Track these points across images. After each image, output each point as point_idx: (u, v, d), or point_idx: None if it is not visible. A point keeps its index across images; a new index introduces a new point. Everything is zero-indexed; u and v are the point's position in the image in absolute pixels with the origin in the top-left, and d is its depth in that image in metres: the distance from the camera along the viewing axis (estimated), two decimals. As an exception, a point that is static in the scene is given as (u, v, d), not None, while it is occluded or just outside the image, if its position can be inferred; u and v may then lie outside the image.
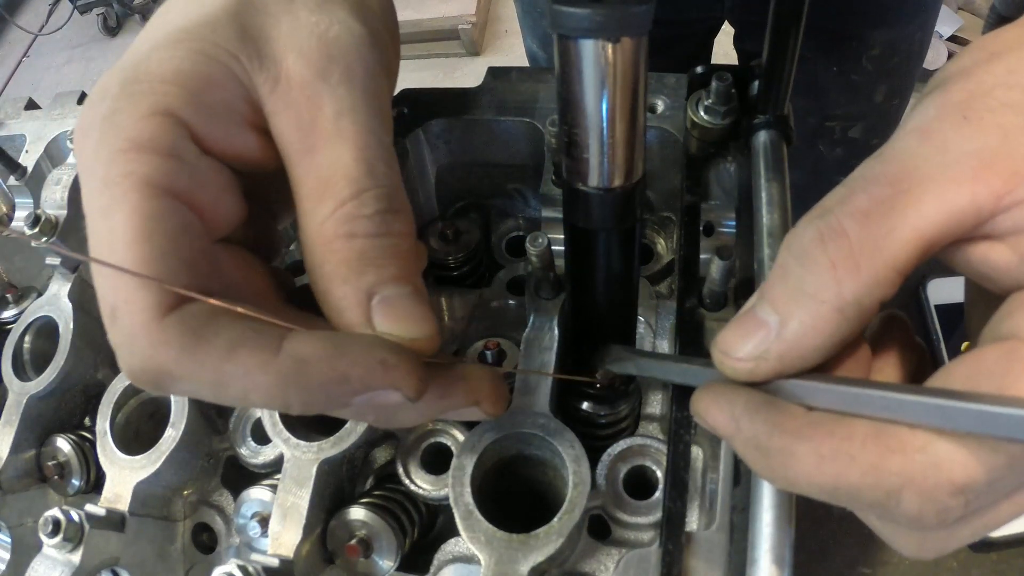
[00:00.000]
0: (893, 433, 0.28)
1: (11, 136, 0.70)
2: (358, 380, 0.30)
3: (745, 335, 0.31)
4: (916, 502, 0.27)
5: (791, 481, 0.30)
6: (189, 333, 0.29)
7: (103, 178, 0.30)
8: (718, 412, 0.32)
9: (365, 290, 0.32)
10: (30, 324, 0.59)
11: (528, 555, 0.40)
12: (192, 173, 0.32)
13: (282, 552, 0.45)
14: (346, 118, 0.33)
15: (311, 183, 0.33)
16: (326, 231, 0.33)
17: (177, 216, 0.31)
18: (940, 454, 0.27)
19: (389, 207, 0.34)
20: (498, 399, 0.37)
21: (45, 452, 0.57)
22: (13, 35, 3.78)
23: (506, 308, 0.57)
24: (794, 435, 0.29)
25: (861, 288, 0.29)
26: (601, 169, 0.38)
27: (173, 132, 0.31)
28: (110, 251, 0.30)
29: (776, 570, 0.35)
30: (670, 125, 0.55)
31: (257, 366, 0.29)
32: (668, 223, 0.61)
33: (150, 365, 0.29)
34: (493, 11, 3.18)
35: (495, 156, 0.62)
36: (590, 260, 0.44)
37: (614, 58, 0.33)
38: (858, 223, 0.29)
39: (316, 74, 0.33)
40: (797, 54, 0.47)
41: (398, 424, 0.36)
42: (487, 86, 0.61)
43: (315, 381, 0.30)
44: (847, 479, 0.28)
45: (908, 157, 0.30)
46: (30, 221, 0.58)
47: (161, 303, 0.29)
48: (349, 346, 0.31)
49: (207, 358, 0.29)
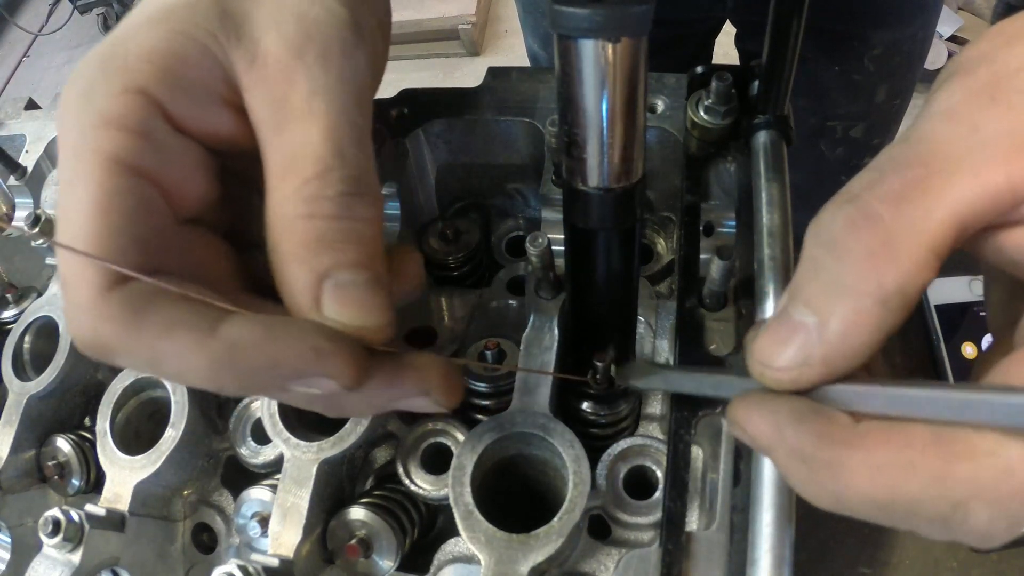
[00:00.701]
0: (959, 437, 0.25)
1: (11, 136, 0.70)
2: (289, 366, 0.30)
3: (783, 341, 0.29)
4: (986, 514, 0.25)
5: (840, 497, 0.28)
6: (129, 310, 0.29)
7: (73, 152, 0.31)
8: (760, 421, 0.30)
9: (319, 272, 0.32)
10: (30, 324, 0.59)
11: (528, 555, 0.40)
12: (160, 152, 0.32)
13: (282, 552, 0.45)
14: (319, 97, 0.33)
15: (278, 160, 0.33)
16: (287, 210, 0.32)
17: (138, 194, 0.31)
18: (1014, 458, 0.24)
19: (354, 190, 0.33)
20: (450, 389, 0.36)
21: (45, 452, 0.57)
22: (13, 35, 3.78)
23: (506, 308, 0.57)
24: (845, 444, 0.27)
25: (903, 276, 0.27)
26: (601, 169, 0.38)
27: (144, 110, 0.32)
28: (68, 224, 0.30)
29: (776, 570, 0.35)
30: (670, 125, 0.55)
31: (190, 347, 0.29)
32: (668, 223, 0.61)
33: (92, 337, 0.30)
34: (493, 11, 3.18)
35: (495, 156, 0.62)
36: (590, 260, 0.44)
37: (614, 58, 0.33)
38: (892, 206, 0.27)
39: (292, 53, 0.33)
40: (797, 54, 0.47)
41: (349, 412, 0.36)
42: (487, 86, 0.61)
43: (246, 365, 0.30)
44: (906, 491, 0.26)
45: (938, 139, 0.28)
46: (30, 221, 0.58)
47: (106, 279, 0.30)
48: (283, 331, 0.30)
49: (144, 335, 0.29)
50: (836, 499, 0.28)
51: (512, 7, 2.94)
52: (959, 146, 0.27)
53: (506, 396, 0.49)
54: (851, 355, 0.28)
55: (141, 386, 0.54)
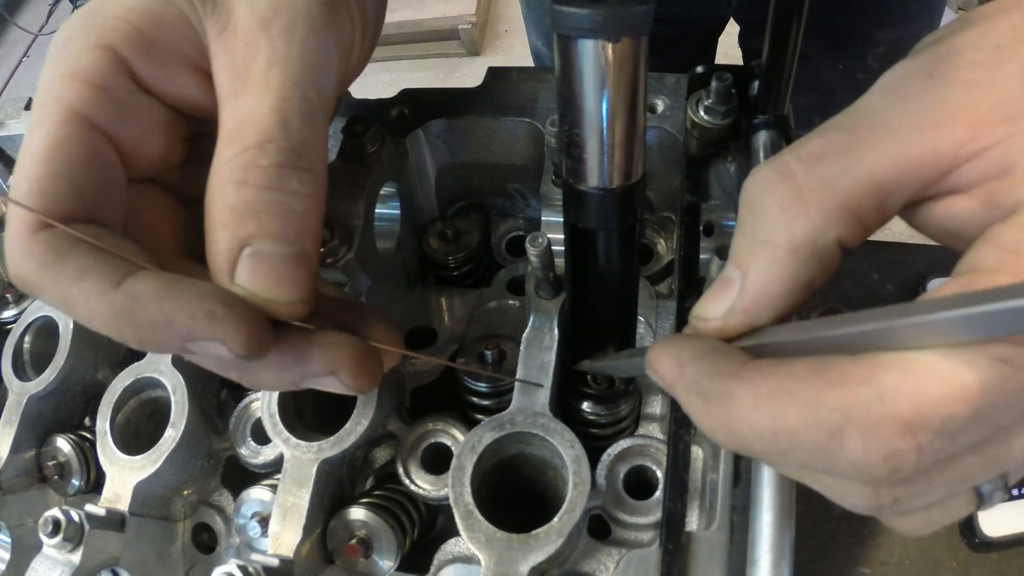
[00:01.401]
0: (835, 367, 0.26)
1: (11, 136, 0.70)
2: (182, 326, 0.30)
3: (715, 297, 0.31)
4: (860, 443, 0.25)
5: (731, 428, 0.28)
6: (51, 251, 0.31)
7: (40, 98, 0.33)
8: (666, 359, 0.32)
9: (239, 239, 0.32)
10: (30, 324, 0.59)
11: (528, 555, 0.40)
12: (119, 109, 0.34)
13: (282, 552, 0.45)
14: (276, 69, 0.33)
15: (228, 125, 0.34)
16: (222, 174, 0.33)
17: (88, 145, 0.33)
18: (884, 385, 0.24)
19: (291, 163, 0.33)
20: (359, 372, 0.35)
21: (45, 452, 0.57)
22: (13, 35, 3.78)
23: (506, 308, 0.57)
24: (735, 377, 0.28)
25: (812, 227, 0.28)
26: (601, 169, 0.38)
27: (109, 67, 0.33)
28: (21, 164, 0.32)
29: (776, 570, 0.35)
30: (670, 125, 0.55)
31: (95, 295, 0.31)
32: (668, 223, 0.61)
33: (18, 272, 0.32)
34: (493, 11, 3.18)
35: (495, 156, 0.62)
36: (590, 260, 0.44)
37: (614, 58, 0.33)
38: (806, 164, 0.29)
39: (259, 24, 0.34)
40: (797, 54, 0.47)
41: (262, 385, 0.37)
42: (487, 86, 0.61)
43: (144, 319, 0.31)
44: (786, 420, 0.26)
45: (869, 108, 0.29)
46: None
47: (37, 220, 0.31)
48: (181, 291, 0.31)
49: (58, 277, 0.31)
50: (728, 431, 0.29)
51: (512, 7, 2.94)
52: (888, 115, 0.28)
53: (506, 396, 0.49)
54: (770, 304, 0.30)
55: (141, 386, 0.54)
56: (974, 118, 0.27)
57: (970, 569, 0.68)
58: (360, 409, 0.47)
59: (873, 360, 0.25)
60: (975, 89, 0.27)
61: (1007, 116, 0.27)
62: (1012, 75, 0.27)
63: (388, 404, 0.50)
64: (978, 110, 0.27)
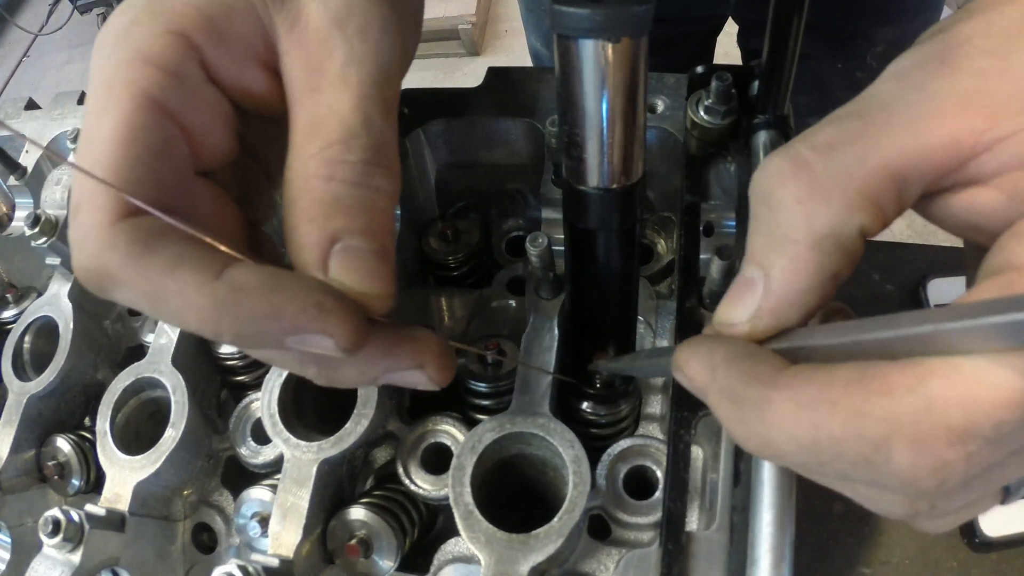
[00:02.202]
0: (879, 374, 0.25)
1: (11, 136, 0.70)
2: (290, 318, 0.30)
3: (738, 299, 0.30)
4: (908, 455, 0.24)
5: (766, 437, 0.27)
6: (137, 241, 0.29)
7: (105, 82, 0.32)
8: (696, 363, 0.31)
9: (330, 234, 0.32)
10: (30, 324, 0.59)
11: (528, 555, 0.40)
12: (190, 96, 0.33)
13: (282, 552, 0.45)
14: (354, 67, 0.33)
15: (306, 121, 0.33)
16: (307, 168, 0.32)
17: (163, 132, 0.32)
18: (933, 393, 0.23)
19: (375, 160, 0.33)
20: (443, 365, 0.36)
21: (45, 452, 0.57)
22: (13, 35, 3.78)
23: (506, 308, 0.57)
24: (770, 384, 0.27)
25: (833, 218, 0.27)
26: (601, 169, 0.38)
27: (182, 53, 0.32)
28: (90, 150, 0.31)
29: (776, 570, 0.35)
30: (670, 125, 0.55)
31: (194, 286, 0.29)
32: (668, 223, 0.61)
33: (95, 265, 0.30)
34: (493, 11, 3.18)
35: (495, 156, 0.62)
36: (590, 260, 0.44)
37: (614, 58, 0.33)
38: (822, 154, 0.28)
39: (333, 22, 0.34)
40: (797, 54, 0.47)
41: (342, 382, 0.36)
42: (487, 86, 0.61)
43: (248, 312, 0.30)
44: (828, 430, 0.25)
45: (882, 96, 0.29)
46: (30, 221, 0.58)
47: (119, 208, 0.30)
48: (288, 282, 0.30)
49: (149, 269, 0.29)
50: (763, 440, 0.28)
51: (512, 7, 2.93)
52: (902, 103, 0.28)
53: (506, 396, 0.49)
54: (797, 301, 0.29)
55: (141, 386, 0.54)
56: (990, 107, 0.26)
57: (970, 569, 0.68)
58: (360, 409, 0.47)
59: (919, 366, 0.24)
60: (989, 78, 0.27)
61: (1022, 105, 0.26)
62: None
63: (388, 404, 0.50)
64: (993, 99, 0.26)
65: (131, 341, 0.63)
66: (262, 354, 0.37)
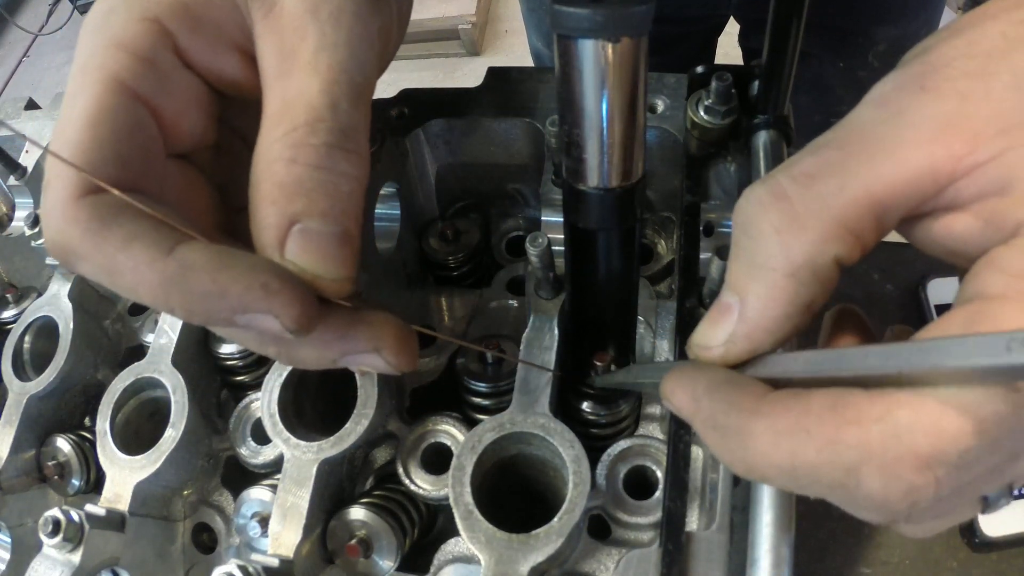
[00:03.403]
0: (851, 403, 0.26)
1: (11, 136, 0.70)
2: (236, 297, 0.30)
3: (714, 323, 0.31)
4: (878, 480, 0.25)
5: (749, 463, 0.28)
6: (96, 217, 0.31)
7: (80, 68, 0.33)
8: (681, 392, 0.32)
9: (289, 216, 0.32)
10: (30, 324, 0.59)
11: (528, 555, 0.40)
12: (162, 81, 0.34)
13: (282, 552, 0.45)
14: (325, 53, 0.34)
15: (276, 105, 0.34)
16: (271, 151, 0.33)
17: (132, 115, 0.33)
18: (901, 423, 0.24)
19: (340, 144, 0.33)
20: (402, 350, 0.36)
21: (45, 452, 0.57)
22: (13, 35, 3.78)
23: (506, 308, 0.57)
24: (751, 412, 0.28)
25: (810, 249, 0.28)
26: (601, 169, 0.38)
27: (155, 39, 0.34)
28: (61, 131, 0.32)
29: (776, 570, 0.35)
30: (670, 125, 0.55)
31: (145, 262, 0.30)
32: (668, 223, 0.61)
33: (59, 239, 0.31)
34: (493, 11, 3.18)
35: (495, 156, 0.62)
36: (590, 260, 0.44)
37: (614, 58, 0.33)
38: (801, 184, 0.28)
39: (307, 8, 0.34)
40: (797, 54, 0.47)
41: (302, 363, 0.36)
42: (487, 86, 0.61)
43: (195, 289, 0.30)
44: (804, 456, 0.26)
45: (862, 123, 0.29)
46: (30, 221, 0.58)
47: (81, 186, 0.31)
48: (235, 261, 0.31)
49: (105, 244, 0.30)
50: (747, 465, 0.29)
51: (512, 7, 2.93)
52: (882, 130, 0.28)
53: (506, 396, 0.49)
54: (771, 328, 0.30)
55: (141, 386, 0.54)
56: (970, 131, 0.27)
57: (970, 569, 0.68)
58: (360, 409, 0.47)
59: (888, 397, 0.25)
60: (969, 101, 0.27)
61: (1002, 129, 0.26)
62: (1005, 85, 0.27)
63: (388, 404, 0.50)
64: (973, 123, 0.27)
65: (131, 341, 0.63)
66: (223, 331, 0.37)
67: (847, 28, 0.96)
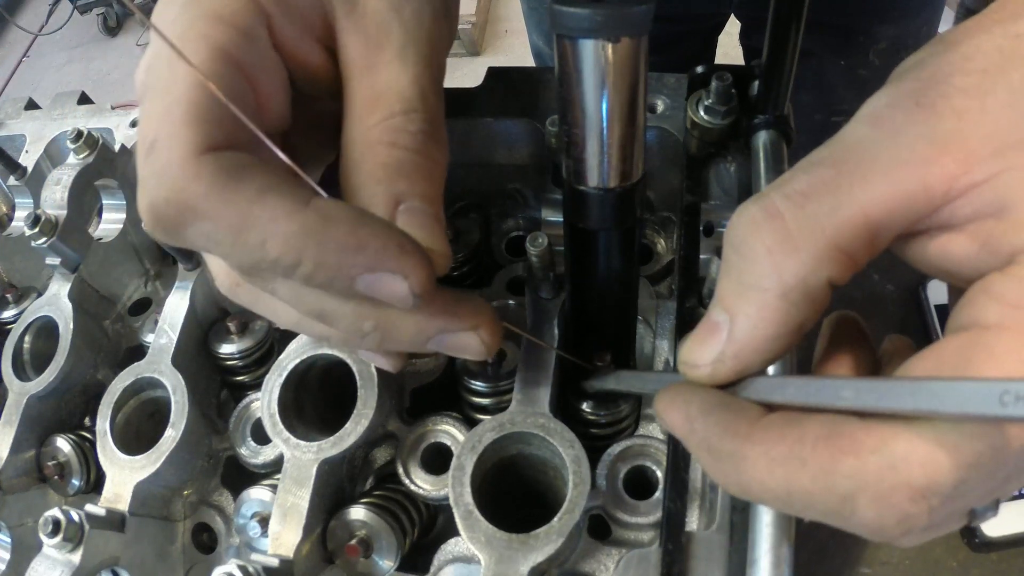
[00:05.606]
0: (846, 433, 0.26)
1: (11, 136, 0.70)
2: (374, 252, 0.30)
3: (703, 341, 0.31)
4: (873, 510, 0.25)
5: (744, 487, 0.29)
6: (223, 171, 0.30)
7: (179, 36, 0.32)
8: (675, 412, 0.31)
9: (395, 195, 0.34)
10: (30, 324, 0.59)
11: (528, 555, 0.40)
12: (260, 57, 0.34)
13: (282, 552, 0.45)
14: (411, 48, 0.36)
15: (366, 94, 0.36)
16: (372, 135, 0.35)
17: (238, 84, 0.33)
18: (896, 454, 0.25)
19: (432, 133, 0.35)
20: (495, 331, 0.37)
21: (45, 452, 0.57)
22: (13, 35, 3.78)
23: (506, 308, 0.57)
24: (745, 438, 0.28)
25: (802, 270, 0.28)
26: (601, 169, 0.38)
27: (253, 15, 0.34)
28: (170, 89, 0.31)
29: (776, 570, 0.35)
30: (670, 125, 0.55)
31: (284, 212, 0.30)
32: (668, 223, 0.61)
33: (177, 197, 0.30)
34: (493, 11, 3.18)
35: (495, 156, 0.62)
36: (590, 260, 0.44)
37: (614, 58, 0.33)
38: (794, 204, 0.28)
39: (391, 7, 0.37)
40: (797, 54, 0.47)
41: (395, 341, 0.36)
42: (487, 86, 0.61)
43: (334, 241, 0.30)
44: (799, 484, 0.26)
45: (856, 141, 0.29)
46: (30, 221, 0.58)
47: (201, 142, 0.30)
48: (374, 219, 0.32)
49: (237, 197, 0.30)
50: (741, 488, 0.29)
51: (512, 7, 2.94)
52: (876, 148, 0.28)
53: (506, 396, 0.49)
54: (761, 349, 0.29)
55: (141, 386, 0.54)
56: (965, 150, 0.26)
57: (970, 569, 0.68)
58: (360, 409, 0.47)
59: (883, 428, 0.25)
60: (964, 119, 0.27)
61: (997, 148, 0.26)
62: (1001, 103, 0.26)
63: (388, 404, 0.50)
64: (968, 142, 0.26)
65: (131, 341, 0.63)
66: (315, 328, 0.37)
67: (848, 26, 0.96)
